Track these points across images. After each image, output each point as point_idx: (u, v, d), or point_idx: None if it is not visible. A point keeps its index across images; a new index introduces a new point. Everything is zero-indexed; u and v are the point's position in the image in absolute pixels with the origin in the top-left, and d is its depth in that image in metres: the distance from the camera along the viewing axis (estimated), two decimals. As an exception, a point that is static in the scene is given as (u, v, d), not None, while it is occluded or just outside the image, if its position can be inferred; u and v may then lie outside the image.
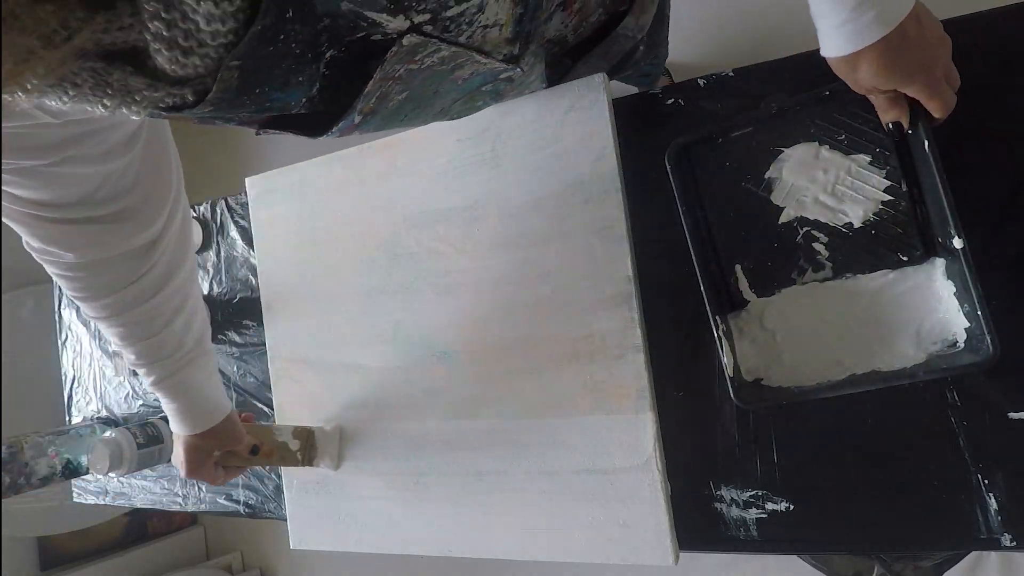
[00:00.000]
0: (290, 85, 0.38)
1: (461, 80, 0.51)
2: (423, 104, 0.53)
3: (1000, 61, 0.57)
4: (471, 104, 0.62)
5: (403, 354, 0.83)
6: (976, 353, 0.53)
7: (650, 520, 0.67)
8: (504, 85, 0.59)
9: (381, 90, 0.44)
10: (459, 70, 0.49)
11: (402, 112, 0.51)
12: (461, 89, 0.54)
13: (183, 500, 1.06)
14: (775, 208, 0.62)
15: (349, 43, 0.38)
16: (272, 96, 0.38)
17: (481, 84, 0.55)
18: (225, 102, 0.35)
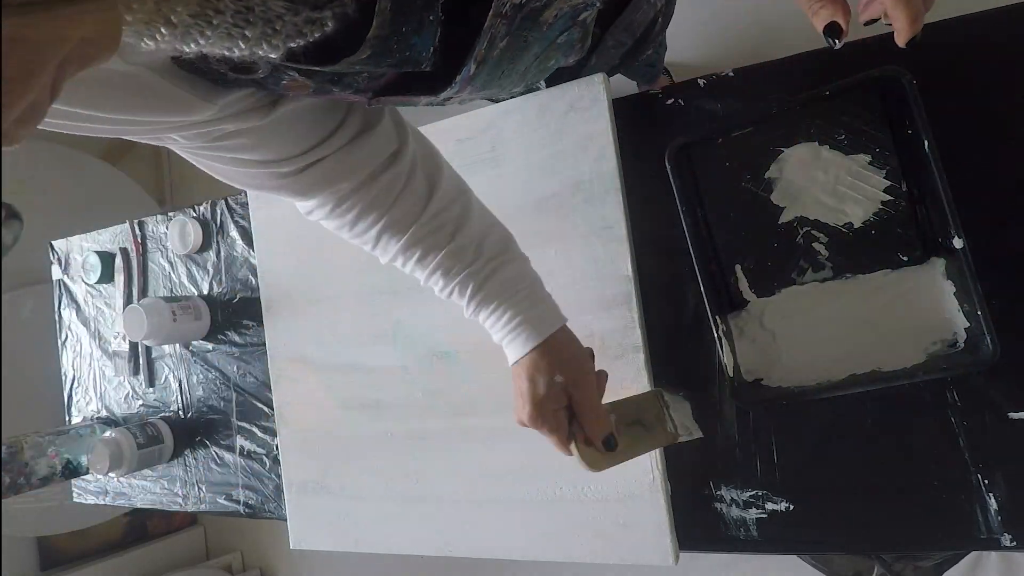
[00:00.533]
0: (424, 27, 0.36)
1: (546, 26, 0.49)
2: (517, 56, 0.49)
3: (1001, 61, 0.57)
4: (544, 64, 0.57)
5: (403, 354, 0.83)
6: (976, 353, 0.53)
7: (650, 520, 0.67)
8: (576, 33, 0.55)
9: (492, 30, 0.41)
10: (548, 9, 0.46)
11: (501, 66, 0.48)
12: (544, 39, 0.51)
13: (183, 500, 1.06)
14: (775, 208, 0.62)
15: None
16: (412, 41, 0.36)
17: (559, 32, 0.52)
18: (380, 44, 0.33)
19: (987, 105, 0.57)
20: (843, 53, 0.62)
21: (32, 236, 1.38)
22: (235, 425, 1.00)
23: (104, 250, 1.17)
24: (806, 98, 0.59)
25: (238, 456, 0.99)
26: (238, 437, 0.99)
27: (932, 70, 0.57)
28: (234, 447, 1.00)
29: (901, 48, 0.45)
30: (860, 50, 0.61)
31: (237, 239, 1.01)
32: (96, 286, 1.17)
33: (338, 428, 0.87)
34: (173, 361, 1.07)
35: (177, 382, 1.06)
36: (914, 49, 0.43)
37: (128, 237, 1.13)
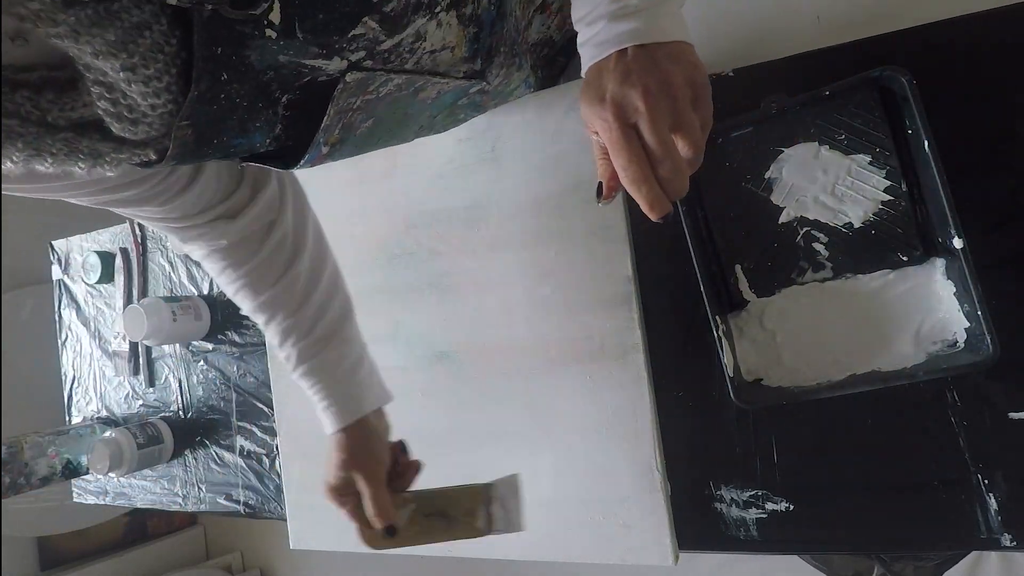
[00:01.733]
0: (249, 131, 0.40)
1: (429, 100, 0.52)
2: (397, 127, 0.54)
3: (1001, 61, 0.57)
4: (453, 117, 0.62)
5: (403, 354, 0.83)
6: (976, 353, 0.53)
7: (650, 520, 0.67)
8: (480, 97, 0.59)
9: (342, 122, 0.45)
10: (422, 92, 0.50)
11: (375, 137, 0.52)
12: (435, 107, 0.55)
13: (183, 500, 1.06)
14: (775, 208, 0.62)
15: (300, 87, 0.40)
16: (234, 143, 0.40)
17: (455, 100, 0.56)
18: (188, 155, 0.38)
19: (987, 105, 0.57)
20: (843, 54, 0.62)
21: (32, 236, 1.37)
22: (235, 425, 1.00)
23: (104, 250, 1.17)
24: (806, 98, 0.59)
25: (238, 456, 0.99)
26: (238, 437, 0.99)
27: (932, 70, 0.57)
28: (234, 447, 1.00)
29: (900, 48, 0.45)
30: (860, 50, 0.61)
31: (237, 239, 1.00)
32: (96, 286, 1.17)
33: (338, 428, 0.87)
34: (173, 361, 1.07)
35: (177, 382, 1.06)
36: (663, 221, 0.42)
37: (128, 237, 1.13)
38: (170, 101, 0.34)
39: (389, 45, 0.41)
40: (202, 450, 1.03)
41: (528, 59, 0.64)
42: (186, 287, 1.06)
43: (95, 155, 0.36)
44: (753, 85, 0.66)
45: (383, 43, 0.41)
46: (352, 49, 0.39)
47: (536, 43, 0.64)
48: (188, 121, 0.35)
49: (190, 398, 1.05)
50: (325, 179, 0.89)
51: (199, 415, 1.04)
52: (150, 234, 1.11)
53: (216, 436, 1.02)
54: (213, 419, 1.02)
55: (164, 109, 0.35)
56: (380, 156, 0.84)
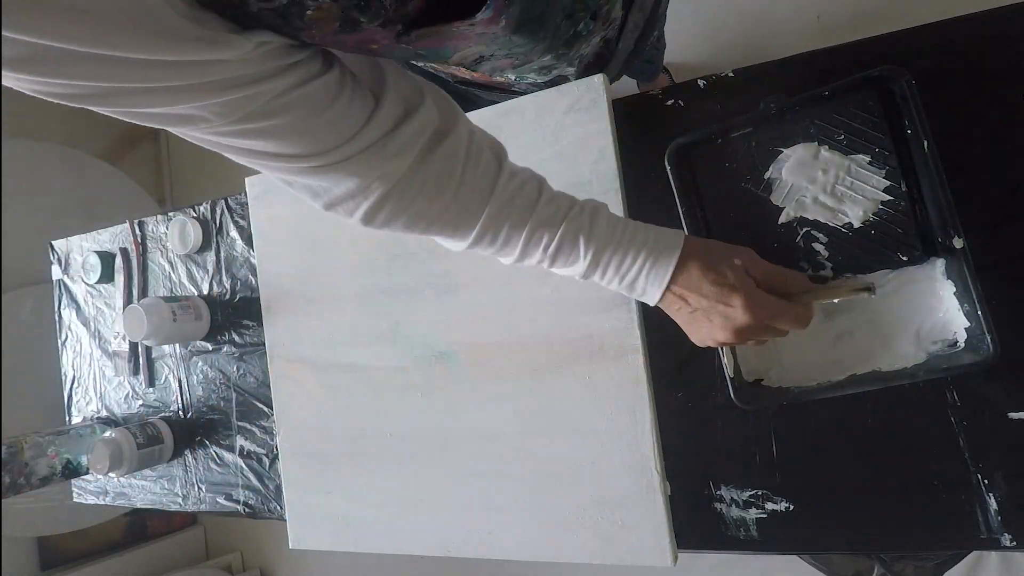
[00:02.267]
0: None
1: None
2: (546, 4, 0.45)
3: (1000, 61, 0.57)
4: (574, 29, 0.53)
5: (403, 354, 0.83)
6: (976, 353, 0.53)
7: (649, 521, 0.67)
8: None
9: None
10: None
11: (536, 5, 0.44)
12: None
13: (183, 500, 1.06)
14: (775, 208, 0.62)
15: None
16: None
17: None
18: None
19: (987, 105, 0.57)
20: (843, 54, 0.62)
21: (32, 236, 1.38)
22: (235, 425, 1.00)
23: (104, 250, 1.17)
24: (806, 98, 0.59)
25: (238, 456, 0.99)
26: (238, 437, 0.99)
27: (932, 70, 0.57)
28: (234, 447, 1.00)
29: (900, 48, 0.45)
30: (860, 50, 0.61)
31: (237, 239, 1.01)
32: (96, 286, 1.17)
33: (337, 428, 0.87)
34: (173, 361, 1.07)
35: (177, 382, 1.06)
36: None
37: (128, 237, 1.13)
38: None
39: None
40: (202, 450, 1.03)
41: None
42: (186, 287, 1.06)
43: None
44: (753, 85, 0.66)
45: None
46: None
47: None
48: None
49: (190, 398, 1.05)
50: (325, 179, 0.89)
51: (199, 415, 1.04)
52: (150, 234, 1.11)
53: (216, 436, 1.02)
54: (213, 419, 1.02)
55: None
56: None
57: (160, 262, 1.10)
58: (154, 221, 1.11)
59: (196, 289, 1.05)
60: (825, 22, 1.40)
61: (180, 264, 1.07)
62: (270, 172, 0.44)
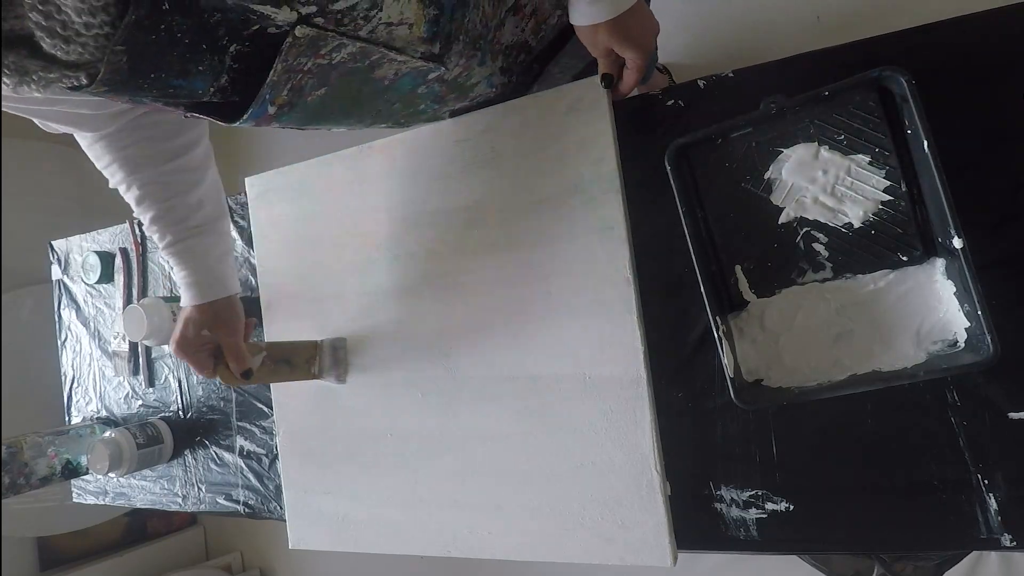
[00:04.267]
0: (190, 74, 0.40)
1: (387, 80, 0.52)
2: (351, 104, 0.54)
3: (1000, 61, 0.57)
4: (412, 108, 0.63)
5: (403, 354, 0.82)
6: (976, 353, 0.53)
7: (649, 521, 0.67)
8: (439, 87, 0.60)
9: (291, 83, 0.45)
10: (378, 69, 0.50)
11: (328, 110, 0.52)
12: (392, 91, 0.55)
13: (183, 500, 1.06)
14: (775, 208, 0.62)
15: (249, 37, 0.40)
16: (172, 83, 0.40)
17: (412, 86, 0.56)
18: (119, 84, 0.37)
19: (986, 105, 0.57)
20: (843, 54, 0.62)
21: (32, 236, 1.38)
22: (235, 425, 1.00)
23: (104, 250, 1.17)
24: (805, 98, 0.59)
25: (238, 456, 0.99)
26: (238, 437, 0.99)
27: (932, 70, 0.57)
28: (234, 447, 1.00)
29: (900, 48, 0.46)
30: (860, 50, 0.61)
31: (237, 239, 1.01)
32: (96, 286, 1.17)
33: (337, 428, 0.87)
34: (173, 361, 1.07)
35: (177, 382, 1.06)
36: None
37: (128, 237, 1.13)
38: (107, 23, 0.33)
39: (343, 6, 0.41)
40: (202, 450, 1.03)
41: (499, 60, 0.64)
42: (186, 287, 1.06)
43: (21, 71, 0.35)
44: (753, 85, 0.66)
45: (337, 2, 0.41)
46: (304, 1, 0.39)
47: (511, 46, 0.65)
48: (123, 47, 0.34)
49: (190, 398, 1.05)
50: (325, 179, 0.89)
51: (199, 415, 1.04)
52: (150, 234, 1.11)
53: (216, 436, 1.02)
54: (213, 419, 1.02)
55: (100, 31, 0.33)
56: (380, 156, 0.85)
57: (160, 262, 1.10)
58: (154, 221, 1.11)
59: (196, 289, 1.05)
60: (825, 22, 1.40)
61: (180, 264, 1.07)
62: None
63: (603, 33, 0.60)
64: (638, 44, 0.62)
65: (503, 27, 0.61)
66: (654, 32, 0.63)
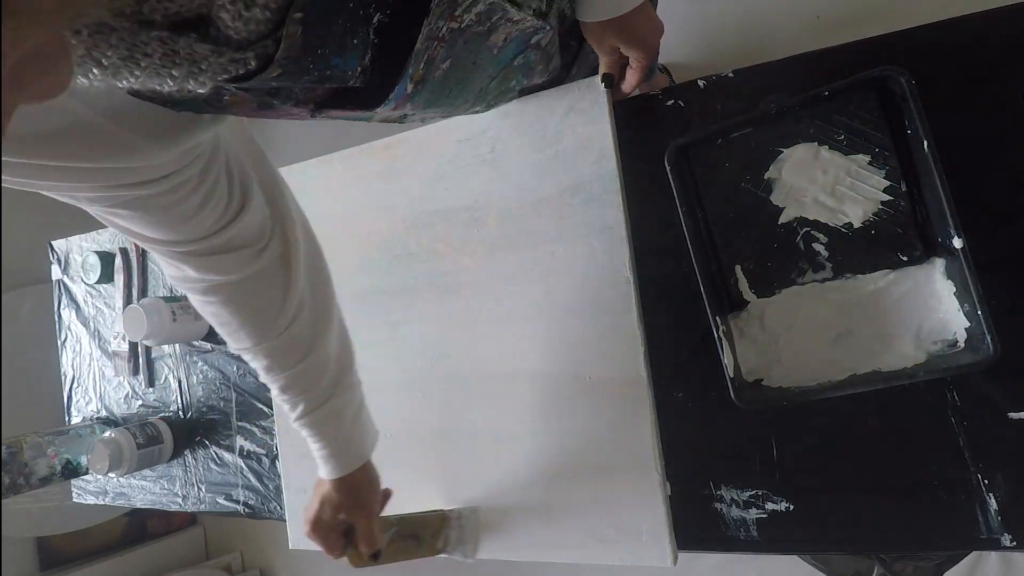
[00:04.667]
0: (346, 49, 0.38)
1: (496, 48, 0.52)
2: (466, 78, 0.53)
3: (1000, 61, 0.57)
4: (504, 85, 0.63)
5: (402, 354, 0.83)
6: (976, 353, 0.53)
7: (649, 521, 0.67)
8: (534, 55, 0.60)
9: (428, 52, 0.44)
10: (494, 33, 0.49)
11: (447, 85, 0.51)
12: (497, 62, 0.55)
13: (183, 500, 1.06)
14: (775, 208, 0.62)
15: (391, 3, 0.39)
16: (332, 62, 0.38)
17: (514, 55, 0.56)
18: (291, 63, 0.35)
19: (987, 105, 0.57)
20: (843, 54, 0.62)
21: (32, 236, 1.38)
22: (235, 425, 1.00)
23: (104, 250, 1.17)
24: (805, 98, 0.59)
25: (238, 456, 0.99)
26: (238, 437, 0.99)
27: (932, 70, 0.57)
28: (234, 447, 1.00)
29: (900, 48, 0.46)
30: (860, 50, 0.61)
31: (237, 239, 1.00)
32: (96, 286, 1.17)
33: (338, 428, 0.87)
34: (173, 361, 1.07)
35: (177, 382, 1.06)
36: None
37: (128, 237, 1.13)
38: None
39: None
40: (202, 450, 1.03)
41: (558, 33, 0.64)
42: (186, 287, 1.06)
43: (192, 60, 0.32)
44: (753, 86, 0.66)
45: None
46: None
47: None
48: (301, 13, 0.33)
49: (190, 398, 1.05)
50: (325, 179, 0.89)
51: (199, 415, 1.04)
52: (150, 234, 1.11)
53: (216, 436, 1.02)
54: (213, 419, 1.02)
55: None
56: (380, 156, 0.85)
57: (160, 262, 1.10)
58: (154, 221, 1.11)
59: (196, 289, 1.05)
60: (825, 22, 1.40)
61: (180, 264, 1.07)
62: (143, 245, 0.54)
63: (610, 31, 0.60)
64: (644, 43, 0.62)
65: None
66: (659, 32, 0.63)
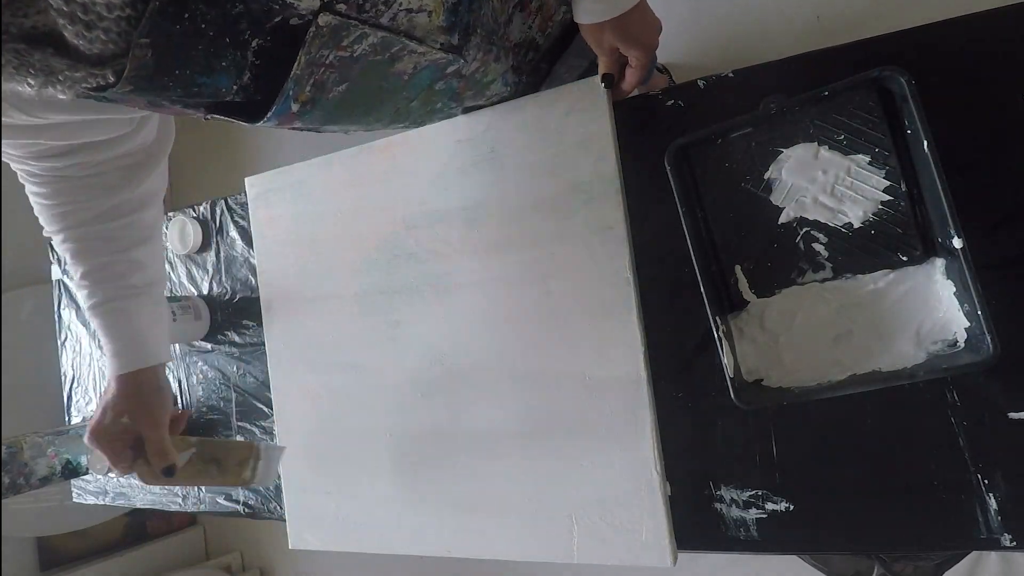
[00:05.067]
0: (215, 70, 0.39)
1: (406, 75, 0.52)
2: (371, 101, 0.53)
3: (1000, 61, 0.57)
4: (429, 106, 0.63)
5: (402, 354, 0.83)
6: (976, 353, 0.53)
7: (648, 521, 0.67)
8: (457, 82, 0.60)
9: (314, 77, 0.45)
10: (398, 62, 0.49)
11: (348, 107, 0.52)
12: (411, 87, 0.55)
13: (182, 500, 1.06)
14: (775, 208, 0.62)
15: (271, 30, 0.39)
16: (198, 80, 0.39)
17: (431, 81, 0.56)
18: (144, 81, 0.36)
19: (987, 105, 0.57)
20: (843, 54, 0.62)
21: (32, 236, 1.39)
22: (235, 425, 1.00)
23: (104, 250, 1.17)
24: (805, 98, 0.59)
25: (238, 456, 0.99)
26: (238, 437, 0.99)
27: (932, 70, 0.57)
28: (234, 447, 1.00)
29: (900, 48, 0.46)
30: (860, 50, 0.61)
31: (237, 239, 1.01)
32: (96, 286, 1.17)
33: (337, 428, 0.87)
34: (173, 361, 1.07)
35: (177, 382, 1.06)
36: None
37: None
38: (128, 4, 0.33)
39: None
40: (202, 450, 1.03)
41: (510, 57, 0.65)
42: (186, 287, 1.06)
43: (47, 71, 0.34)
44: (753, 86, 0.66)
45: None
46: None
47: (519, 44, 0.65)
48: (148, 39, 0.34)
49: (190, 398, 1.05)
50: (325, 179, 0.89)
51: (199, 415, 1.04)
52: (150, 234, 1.11)
53: (216, 436, 1.02)
54: (213, 419, 1.02)
55: (122, 14, 0.33)
56: (380, 156, 0.85)
57: (160, 262, 1.10)
58: (154, 221, 1.11)
59: (196, 289, 1.05)
60: (825, 22, 1.40)
61: (180, 264, 1.07)
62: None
63: (608, 31, 0.60)
64: (642, 42, 0.62)
65: (511, 23, 0.61)
66: (657, 30, 0.63)
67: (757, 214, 0.63)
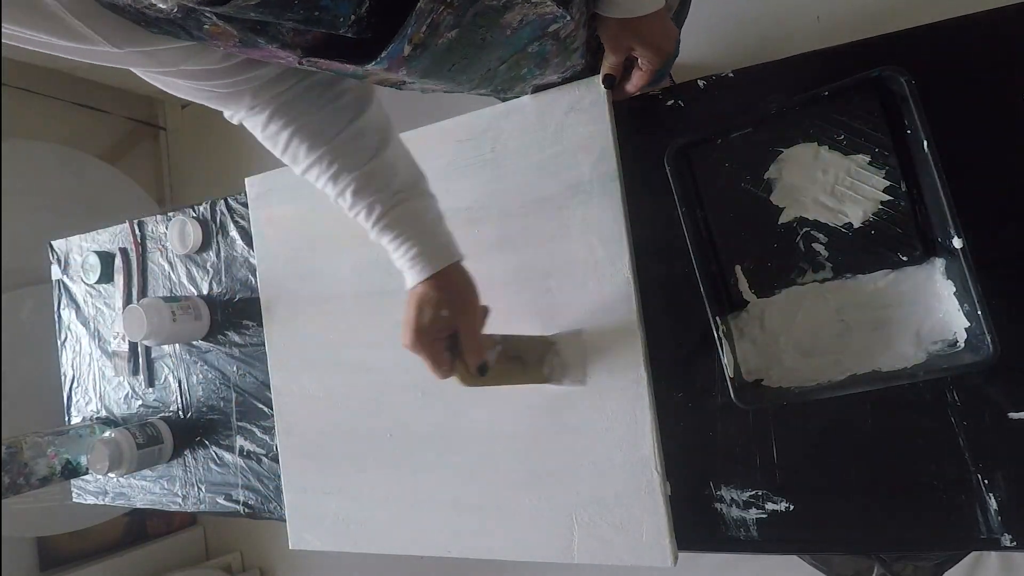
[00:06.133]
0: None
1: (509, 29, 0.50)
2: (472, 54, 0.51)
3: (1000, 61, 0.57)
4: (514, 71, 0.61)
5: (402, 354, 0.82)
6: (976, 353, 0.53)
7: (649, 521, 0.67)
8: (550, 45, 0.58)
9: (433, 14, 0.43)
10: (509, 11, 0.48)
11: (450, 58, 0.49)
12: (509, 44, 0.53)
13: (183, 500, 1.06)
14: (775, 208, 0.62)
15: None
16: (321, 2, 0.37)
17: (528, 40, 0.55)
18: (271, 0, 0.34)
19: (987, 105, 0.57)
20: (843, 54, 0.62)
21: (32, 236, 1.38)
22: (235, 425, 1.00)
23: (104, 250, 1.17)
24: (805, 98, 0.59)
25: (238, 456, 0.99)
26: (238, 437, 0.99)
27: (932, 70, 0.57)
28: (234, 447, 1.00)
29: (900, 48, 0.46)
30: (860, 50, 0.61)
31: (237, 239, 1.01)
32: (96, 286, 1.17)
33: (337, 428, 0.87)
34: (173, 361, 1.07)
35: (177, 382, 1.06)
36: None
37: (128, 237, 1.13)
38: None
39: None
40: (202, 450, 1.03)
41: (590, 27, 0.64)
42: (186, 287, 1.06)
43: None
44: (753, 86, 0.66)
45: None
46: None
47: (592, 17, 0.64)
48: None
49: (190, 398, 1.05)
50: (325, 179, 0.89)
51: (199, 415, 1.04)
52: (149, 234, 1.11)
53: (216, 436, 1.02)
54: (213, 419, 1.02)
55: None
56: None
57: (160, 262, 1.10)
58: (154, 221, 1.11)
59: (196, 289, 1.05)
60: (825, 22, 1.40)
61: (180, 264, 1.07)
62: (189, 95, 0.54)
63: (628, 30, 0.60)
64: (657, 47, 0.62)
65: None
66: (673, 39, 0.63)
67: (757, 214, 0.63)
